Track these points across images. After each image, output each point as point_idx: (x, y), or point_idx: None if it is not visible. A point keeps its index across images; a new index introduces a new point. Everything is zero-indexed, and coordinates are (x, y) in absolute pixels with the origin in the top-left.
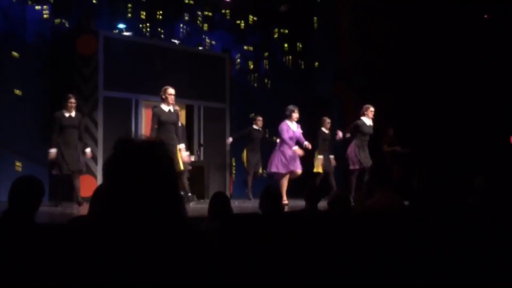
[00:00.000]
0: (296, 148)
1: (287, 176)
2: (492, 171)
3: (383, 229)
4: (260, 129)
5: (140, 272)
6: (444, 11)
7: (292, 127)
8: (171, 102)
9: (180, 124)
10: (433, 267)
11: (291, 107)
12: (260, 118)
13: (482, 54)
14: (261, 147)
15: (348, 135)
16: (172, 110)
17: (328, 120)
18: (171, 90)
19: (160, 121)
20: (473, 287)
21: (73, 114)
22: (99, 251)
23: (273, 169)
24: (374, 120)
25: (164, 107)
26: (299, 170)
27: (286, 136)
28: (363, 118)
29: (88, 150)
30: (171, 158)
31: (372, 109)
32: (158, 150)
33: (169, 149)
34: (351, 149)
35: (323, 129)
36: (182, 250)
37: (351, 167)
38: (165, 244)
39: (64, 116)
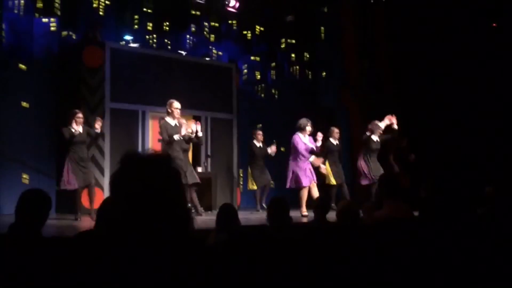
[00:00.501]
0: (313, 158)
1: (307, 188)
2: (502, 180)
3: (392, 240)
4: (261, 144)
5: (147, 285)
6: (447, 18)
7: (304, 140)
8: (176, 116)
9: (179, 124)
10: (442, 277)
11: (304, 120)
12: (260, 132)
13: (492, 62)
14: (265, 160)
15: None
16: (177, 124)
17: (336, 130)
18: (176, 104)
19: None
20: None
21: (81, 129)
22: (105, 265)
23: (292, 185)
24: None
25: (170, 121)
26: (311, 183)
27: (302, 147)
28: (372, 137)
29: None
30: (178, 171)
31: (382, 128)
32: (165, 164)
33: (176, 163)
34: (361, 163)
35: (332, 139)
36: (189, 263)
37: (363, 182)
38: (172, 257)
39: (73, 132)
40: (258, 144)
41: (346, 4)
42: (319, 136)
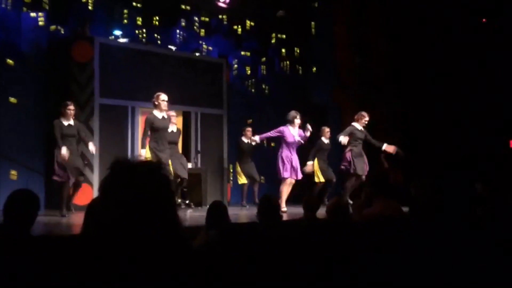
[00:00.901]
0: (257, 138)
1: (287, 181)
2: (493, 177)
3: (382, 237)
4: (249, 140)
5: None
6: (442, 15)
7: (292, 132)
8: (164, 108)
9: (176, 130)
10: (432, 274)
11: (293, 112)
12: (249, 129)
13: (483, 60)
14: (253, 156)
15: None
16: (165, 117)
17: (327, 129)
18: (163, 96)
19: (153, 128)
20: None
21: (71, 122)
22: (95, 269)
23: (281, 175)
24: (367, 127)
25: (157, 114)
26: (300, 176)
27: (272, 132)
28: (355, 124)
29: (91, 145)
30: (168, 179)
31: (367, 118)
32: (155, 172)
33: (166, 169)
34: (348, 155)
35: (323, 138)
36: (179, 268)
37: (344, 170)
38: (161, 263)
39: (64, 125)
40: (246, 140)
41: (338, 0)
42: (309, 127)
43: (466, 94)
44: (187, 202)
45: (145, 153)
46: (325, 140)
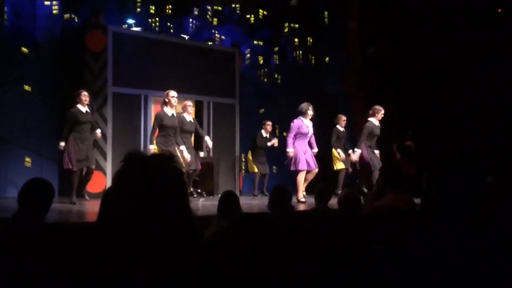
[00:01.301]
0: (290, 150)
1: (304, 173)
2: (502, 171)
3: (393, 229)
4: (268, 135)
5: (148, 285)
6: (453, 10)
7: (306, 123)
8: (174, 104)
9: (193, 120)
10: (441, 267)
11: (305, 104)
12: (270, 123)
13: (494, 58)
14: (266, 150)
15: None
16: (175, 114)
17: (344, 118)
18: (173, 93)
19: (162, 125)
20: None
21: (87, 109)
22: (106, 258)
23: (291, 167)
24: (381, 121)
25: (168, 111)
26: (315, 169)
27: (291, 134)
28: (372, 120)
29: (98, 131)
30: (180, 171)
31: (383, 111)
32: (167, 164)
33: (178, 162)
34: (363, 151)
35: (339, 126)
36: (190, 262)
37: (361, 168)
38: (173, 257)
39: (81, 111)
40: (265, 134)
41: None
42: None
43: (476, 91)
44: (199, 191)
45: (153, 149)
46: (341, 128)
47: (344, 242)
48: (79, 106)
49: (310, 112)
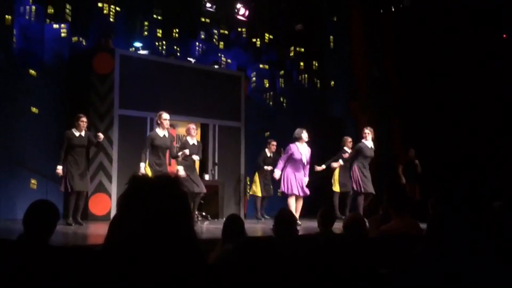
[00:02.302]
0: (277, 172)
1: (294, 197)
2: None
3: (399, 254)
4: (271, 155)
5: None
6: (456, 28)
7: (301, 150)
8: (166, 126)
9: (197, 143)
10: None
11: (298, 130)
12: (274, 143)
13: (500, 70)
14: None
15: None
16: (166, 135)
17: (349, 139)
18: (165, 115)
19: (153, 145)
20: None
21: (83, 133)
22: (111, 281)
23: (284, 190)
24: (375, 142)
25: (159, 132)
26: (302, 196)
27: (284, 156)
28: (364, 141)
29: (100, 134)
30: (185, 194)
31: (367, 132)
32: (171, 187)
33: (183, 184)
34: (355, 172)
35: (346, 148)
36: (194, 286)
37: (354, 187)
38: (176, 279)
39: (75, 135)
40: (269, 154)
41: (355, 15)
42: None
43: (485, 107)
44: (203, 214)
45: (143, 168)
46: (348, 149)
47: (349, 267)
48: (74, 130)
49: (305, 136)
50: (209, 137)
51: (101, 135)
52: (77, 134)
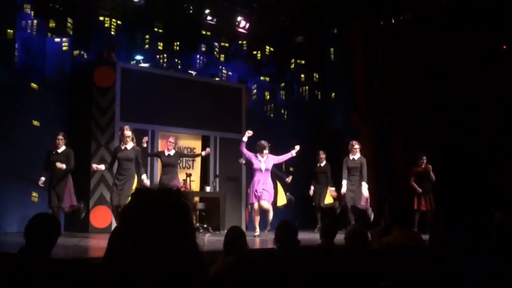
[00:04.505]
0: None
1: (255, 208)
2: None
3: (401, 265)
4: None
5: None
6: (456, 41)
7: (260, 160)
8: (127, 142)
9: (172, 154)
10: None
11: (262, 142)
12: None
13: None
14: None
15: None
16: (128, 148)
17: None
18: (126, 132)
19: (117, 158)
20: None
21: (59, 150)
22: None
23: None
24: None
25: (122, 146)
26: (258, 203)
27: (255, 166)
28: (350, 155)
29: (59, 164)
30: (188, 207)
31: (354, 145)
32: (174, 200)
33: (187, 197)
34: (343, 186)
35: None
36: None
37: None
38: None
39: (51, 152)
40: None
41: (355, 28)
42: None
43: (488, 119)
44: (205, 226)
45: (146, 179)
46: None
47: (351, 278)
48: (53, 147)
49: (266, 151)
50: (210, 149)
51: (58, 164)
52: (53, 151)
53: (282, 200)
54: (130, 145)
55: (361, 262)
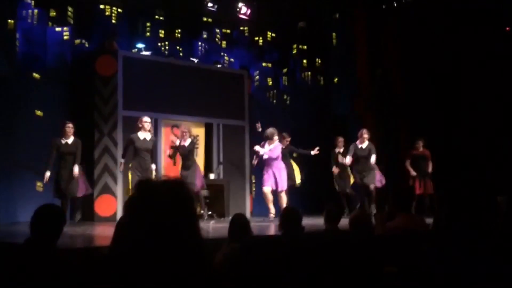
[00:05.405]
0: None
1: (266, 191)
2: None
3: (405, 250)
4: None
5: None
6: (459, 26)
7: (266, 148)
8: (147, 129)
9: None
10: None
11: (271, 129)
12: (288, 138)
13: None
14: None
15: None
16: (147, 138)
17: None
18: (146, 118)
19: (135, 148)
20: None
21: (69, 140)
22: (118, 284)
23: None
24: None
25: (140, 135)
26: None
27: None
28: (358, 143)
29: (76, 169)
30: (191, 198)
31: (363, 134)
32: (178, 191)
33: (190, 189)
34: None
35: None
36: (200, 286)
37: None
38: (183, 281)
39: (61, 143)
40: (283, 146)
41: (358, 12)
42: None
43: (489, 104)
44: (209, 213)
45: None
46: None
47: (355, 264)
48: (62, 137)
49: (275, 138)
50: (213, 136)
51: (76, 171)
52: (63, 141)
53: (298, 178)
54: (148, 135)
55: (365, 247)
